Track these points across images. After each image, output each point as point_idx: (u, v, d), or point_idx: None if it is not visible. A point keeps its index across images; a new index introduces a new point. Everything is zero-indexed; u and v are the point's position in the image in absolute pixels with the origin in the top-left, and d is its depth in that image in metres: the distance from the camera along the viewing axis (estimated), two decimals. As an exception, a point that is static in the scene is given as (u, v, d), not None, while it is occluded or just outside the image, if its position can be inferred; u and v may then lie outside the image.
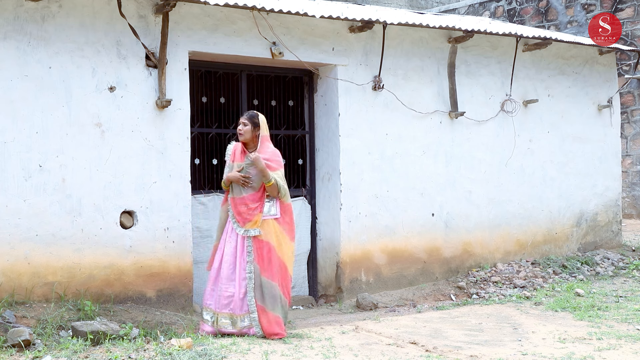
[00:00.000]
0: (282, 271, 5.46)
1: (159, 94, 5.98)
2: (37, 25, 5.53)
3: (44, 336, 5.00)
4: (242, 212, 5.41)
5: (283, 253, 5.47)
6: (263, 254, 5.40)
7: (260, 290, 5.38)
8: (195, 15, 6.18)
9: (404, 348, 5.14)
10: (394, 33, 7.26)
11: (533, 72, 8.41)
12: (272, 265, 5.41)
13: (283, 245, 5.48)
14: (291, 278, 5.62)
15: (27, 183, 5.47)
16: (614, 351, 4.94)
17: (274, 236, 5.43)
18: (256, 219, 5.39)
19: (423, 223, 7.51)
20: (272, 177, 5.39)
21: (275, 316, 5.37)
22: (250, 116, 5.53)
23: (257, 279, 5.38)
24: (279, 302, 5.41)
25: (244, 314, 5.39)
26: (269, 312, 5.36)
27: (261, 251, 5.40)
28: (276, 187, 5.42)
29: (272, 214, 5.46)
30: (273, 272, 5.40)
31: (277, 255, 5.43)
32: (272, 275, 5.40)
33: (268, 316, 5.36)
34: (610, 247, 9.10)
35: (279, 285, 5.43)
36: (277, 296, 5.41)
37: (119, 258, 5.78)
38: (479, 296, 7.15)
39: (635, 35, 12.61)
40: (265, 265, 5.39)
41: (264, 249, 5.41)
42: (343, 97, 7.00)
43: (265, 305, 5.37)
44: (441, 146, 7.65)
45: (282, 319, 5.42)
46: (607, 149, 9.12)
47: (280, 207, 5.50)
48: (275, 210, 5.48)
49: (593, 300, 6.74)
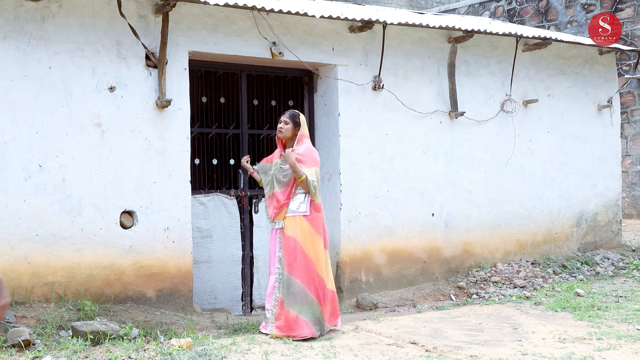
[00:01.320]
0: (308, 270, 5.41)
1: (159, 94, 5.98)
2: (37, 25, 5.53)
3: (44, 336, 5.00)
4: (272, 206, 5.54)
5: (310, 251, 5.44)
6: (289, 249, 5.43)
7: (283, 285, 5.41)
8: (195, 15, 6.18)
9: (404, 348, 5.14)
10: (394, 33, 7.26)
11: (533, 72, 8.41)
12: (297, 262, 5.40)
13: (311, 243, 5.45)
14: (322, 280, 5.48)
15: (27, 183, 5.47)
16: (614, 351, 4.94)
17: (300, 233, 5.43)
18: (282, 212, 5.47)
19: (423, 223, 7.51)
20: (304, 173, 5.45)
21: (293, 315, 5.32)
22: (292, 115, 5.63)
23: (283, 274, 5.42)
24: (304, 302, 5.35)
25: (270, 307, 5.46)
26: (285, 308, 5.35)
27: (287, 246, 5.44)
28: (307, 183, 5.46)
29: (302, 211, 5.48)
30: (296, 269, 5.39)
31: (303, 252, 5.41)
32: (295, 272, 5.39)
33: (284, 313, 5.35)
34: (610, 247, 9.10)
35: (304, 284, 5.39)
36: (297, 294, 5.36)
37: (119, 258, 5.78)
38: (479, 296, 7.15)
39: (635, 35, 12.60)
40: (290, 260, 5.41)
41: (290, 245, 5.43)
42: (343, 97, 7.00)
43: (285, 300, 5.37)
44: (441, 146, 7.65)
45: (306, 320, 5.34)
46: (607, 149, 9.12)
47: (311, 205, 5.51)
48: (305, 207, 5.49)
49: (593, 300, 6.74)
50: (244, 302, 6.80)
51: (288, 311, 5.35)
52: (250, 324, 5.78)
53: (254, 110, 7.19)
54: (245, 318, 6.26)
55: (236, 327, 5.69)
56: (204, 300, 6.58)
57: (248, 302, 6.83)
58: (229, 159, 7.00)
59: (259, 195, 6.88)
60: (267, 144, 7.21)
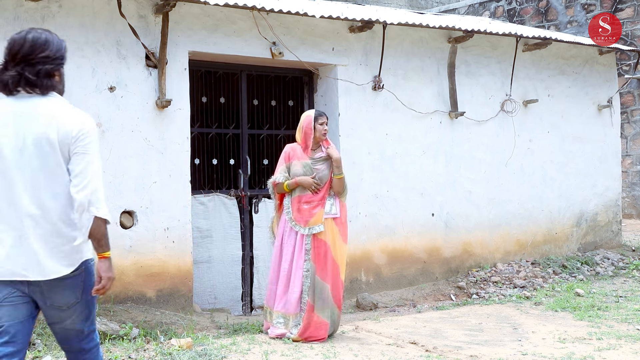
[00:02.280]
0: (335, 273, 5.32)
1: (159, 94, 5.98)
2: (37, 25, 5.49)
3: (44, 336, 4.99)
4: (303, 210, 5.31)
5: (337, 255, 5.34)
6: (320, 253, 5.28)
7: (313, 290, 5.25)
8: (195, 15, 6.18)
9: (404, 348, 5.14)
10: (394, 33, 7.26)
11: (533, 72, 8.41)
12: (327, 266, 5.28)
13: (337, 246, 5.35)
14: (343, 284, 5.44)
15: (27, 183, 5.46)
16: (614, 351, 4.94)
17: (330, 236, 5.31)
18: (319, 215, 5.29)
19: (423, 223, 7.51)
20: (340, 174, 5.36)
21: (321, 320, 5.23)
22: (326, 114, 5.51)
23: (312, 278, 5.26)
24: (329, 306, 5.26)
25: (297, 313, 5.29)
26: (315, 313, 5.23)
27: (319, 250, 5.28)
28: (344, 182, 5.38)
29: (333, 213, 5.36)
30: (327, 273, 5.28)
31: (331, 256, 5.30)
32: (325, 276, 5.27)
33: (313, 318, 5.23)
34: (610, 247, 9.10)
35: (331, 288, 5.28)
36: (327, 299, 5.26)
37: (119, 258, 5.76)
38: (479, 296, 7.15)
39: (635, 35, 12.60)
40: (321, 264, 5.27)
41: (322, 248, 5.28)
42: (343, 97, 7.00)
43: (315, 305, 5.24)
44: (441, 146, 7.65)
45: (328, 324, 5.27)
46: (607, 149, 9.13)
47: (340, 206, 5.41)
48: (335, 209, 5.38)
49: (593, 300, 6.73)
50: (244, 302, 6.80)
51: (318, 316, 5.23)
52: (250, 324, 5.78)
53: (254, 110, 7.19)
54: (245, 318, 6.26)
55: (236, 327, 5.69)
56: (204, 300, 6.58)
57: (248, 302, 6.83)
58: (229, 159, 7.00)
59: (259, 195, 6.88)
60: (267, 144, 7.21)
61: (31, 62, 2.94)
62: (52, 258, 2.87)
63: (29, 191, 2.91)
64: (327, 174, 5.38)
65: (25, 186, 2.91)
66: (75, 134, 2.94)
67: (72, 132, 2.94)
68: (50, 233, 2.90)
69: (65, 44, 3.08)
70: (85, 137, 2.96)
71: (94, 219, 2.91)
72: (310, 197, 5.32)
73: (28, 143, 2.91)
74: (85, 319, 3.01)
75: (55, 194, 2.92)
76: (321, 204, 5.32)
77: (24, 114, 2.95)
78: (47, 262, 2.87)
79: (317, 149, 5.45)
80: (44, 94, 3.00)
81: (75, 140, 2.94)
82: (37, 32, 2.99)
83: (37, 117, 2.95)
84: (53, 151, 2.92)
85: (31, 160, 2.91)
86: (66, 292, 2.92)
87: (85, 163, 2.93)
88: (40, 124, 2.94)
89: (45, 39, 2.99)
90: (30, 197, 2.91)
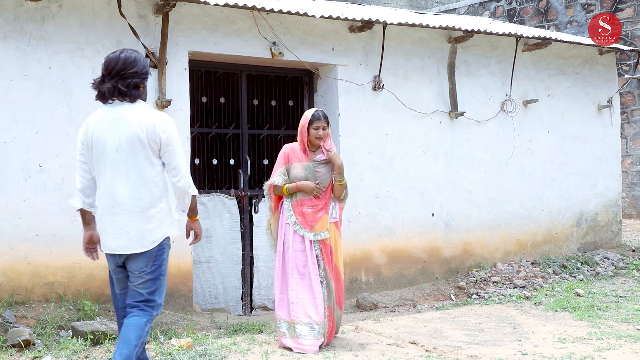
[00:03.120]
0: (337, 276, 5.24)
1: (159, 94, 5.98)
2: (37, 25, 5.53)
3: (44, 336, 5.00)
4: (307, 214, 5.12)
5: (338, 257, 5.26)
6: (329, 258, 5.17)
7: (329, 294, 5.16)
8: (195, 15, 6.18)
9: (404, 348, 5.14)
10: (394, 33, 7.26)
11: (533, 72, 8.41)
12: (332, 269, 5.20)
13: (338, 249, 5.26)
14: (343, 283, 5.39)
15: (27, 183, 5.47)
16: (614, 351, 4.94)
17: (333, 240, 5.20)
18: (324, 221, 5.13)
19: (423, 223, 7.51)
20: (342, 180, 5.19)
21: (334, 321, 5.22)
22: (325, 116, 5.17)
23: (328, 283, 5.15)
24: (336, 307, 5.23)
25: (324, 321, 5.09)
26: (333, 316, 5.18)
27: (327, 255, 5.16)
28: (345, 188, 5.22)
29: (334, 217, 5.23)
30: (332, 276, 5.20)
31: (335, 260, 5.23)
32: (333, 279, 5.19)
33: (332, 320, 5.18)
34: (610, 247, 9.10)
35: (335, 290, 5.21)
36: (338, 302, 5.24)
37: (119, 258, 5.77)
38: (479, 296, 7.15)
39: (635, 35, 12.60)
40: (331, 268, 5.18)
41: (329, 253, 5.17)
42: (343, 97, 7.00)
43: (333, 309, 5.17)
44: (441, 146, 7.65)
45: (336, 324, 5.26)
46: (607, 149, 9.12)
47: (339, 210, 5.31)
48: (336, 213, 5.24)
49: (593, 300, 6.73)
50: (244, 302, 6.80)
51: (333, 319, 5.19)
52: (250, 324, 5.78)
53: (254, 110, 7.19)
54: (245, 318, 6.26)
55: (236, 327, 5.69)
56: (204, 300, 6.58)
57: (248, 302, 6.83)
58: (229, 159, 7.00)
59: (259, 195, 6.88)
60: (267, 144, 7.20)
61: (123, 76, 3.71)
62: (143, 236, 3.72)
63: (124, 182, 3.70)
64: (328, 178, 5.20)
65: (121, 178, 3.70)
66: (160, 134, 3.70)
67: (159, 132, 3.70)
68: (143, 215, 3.72)
69: (149, 62, 3.87)
70: (170, 137, 3.74)
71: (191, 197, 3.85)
72: (314, 202, 5.14)
73: (122, 142, 3.69)
74: (149, 287, 3.81)
75: (144, 184, 3.72)
76: (325, 208, 5.16)
77: (119, 118, 3.72)
78: (140, 238, 3.72)
79: (317, 150, 5.23)
80: (132, 102, 3.77)
81: (162, 139, 3.71)
82: (128, 52, 3.78)
83: (128, 121, 3.71)
84: (143, 148, 3.70)
85: (126, 157, 3.70)
86: (141, 261, 3.76)
87: (176, 157, 3.76)
88: (131, 126, 3.69)
89: (135, 58, 3.77)
90: (124, 187, 3.70)
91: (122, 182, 3.70)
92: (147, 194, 3.71)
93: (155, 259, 3.78)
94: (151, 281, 3.80)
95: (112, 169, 3.72)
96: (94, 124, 3.81)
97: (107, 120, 3.75)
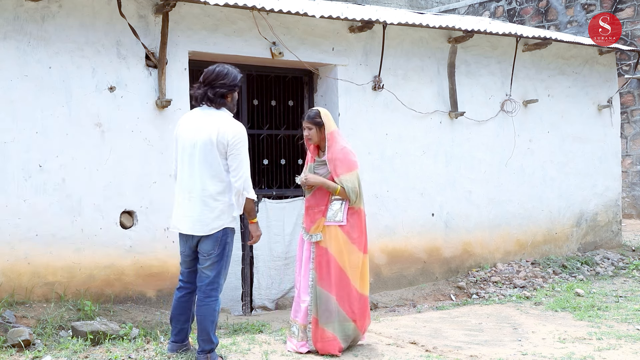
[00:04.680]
0: (343, 284, 4.97)
1: (159, 93, 5.98)
2: (37, 25, 5.53)
3: (44, 336, 5.00)
4: (308, 214, 5.10)
5: (346, 264, 4.99)
6: (322, 262, 5.00)
7: (316, 301, 4.97)
8: (195, 15, 6.18)
9: (404, 348, 5.14)
10: (394, 33, 7.26)
11: (533, 72, 8.41)
12: (330, 276, 4.97)
13: (347, 254, 4.99)
14: (361, 295, 5.07)
15: (27, 183, 5.47)
16: (614, 351, 4.94)
17: (334, 244, 4.99)
18: (318, 223, 5.03)
19: (423, 223, 7.51)
20: (339, 184, 5.00)
21: (327, 335, 4.92)
22: (311, 117, 5.09)
23: (315, 288, 5.00)
24: (335, 318, 4.94)
25: (307, 324, 5.01)
26: (321, 326, 4.94)
27: (320, 259, 5.01)
28: (345, 193, 5.01)
29: (337, 221, 5.02)
30: (330, 283, 4.96)
31: (337, 265, 4.97)
32: (328, 286, 4.97)
33: (319, 331, 4.94)
34: (610, 247, 9.10)
35: (338, 300, 4.95)
36: (333, 311, 4.95)
37: (119, 258, 5.78)
38: (479, 296, 7.15)
39: (635, 35, 12.61)
40: (323, 274, 4.98)
41: (323, 257, 5.00)
42: (343, 97, 7.00)
43: (319, 318, 4.95)
44: (441, 146, 7.65)
45: (338, 338, 4.94)
46: (607, 149, 9.12)
47: (349, 213, 5.05)
48: (341, 216, 5.02)
49: (593, 300, 6.74)
50: (243, 302, 6.80)
51: (324, 330, 4.93)
52: (250, 324, 5.78)
53: (254, 110, 7.19)
54: (245, 318, 6.26)
55: (236, 327, 5.69)
56: (204, 300, 6.57)
57: (248, 302, 6.83)
58: (229, 159, 6.98)
59: (259, 195, 6.88)
60: (267, 144, 7.20)
61: (213, 85, 4.48)
62: (204, 222, 4.40)
63: (197, 175, 4.40)
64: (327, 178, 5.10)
65: (194, 170, 4.41)
66: (230, 139, 4.35)
67: (228, 137, 4.36)
68: (206, 204, 4.39)
69: (241, 76, 4.59)
70: (238, 142, 4.38)
71: (246, 199, 4.47)
72: (310, 202, 5.11)
73: (199, 142, 4.40)
74: (214, 269, 4.45)
75: (211, 177, 4.38)
76: (322, 211, 5.04)
77: (202, 120, 4.47)
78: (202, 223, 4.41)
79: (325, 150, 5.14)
80: (217, 108, 4.49)
81: (230, 144, 4.36)
82: (222, 67, 4.53)
83: (208, 123, 4.42)
84: (212, 149, 4.37)
85: (199, 153, 4.40)
86: (208, 244, 4.44)
87: (239, 161, 4.38)
88: (208, 128, 4.40)
89: (226, 72, 4.50)
90: (196, 180, 4.41)
91: (193, 173, 4.40)
92: (211, 187, 4.37)
93: (220, 243, 4.43)
94: (217, 263, 4.43)
95: (189, 162, 4.43)
96: (184, 121, 4.57)
97: (193, 120, 4.50)
